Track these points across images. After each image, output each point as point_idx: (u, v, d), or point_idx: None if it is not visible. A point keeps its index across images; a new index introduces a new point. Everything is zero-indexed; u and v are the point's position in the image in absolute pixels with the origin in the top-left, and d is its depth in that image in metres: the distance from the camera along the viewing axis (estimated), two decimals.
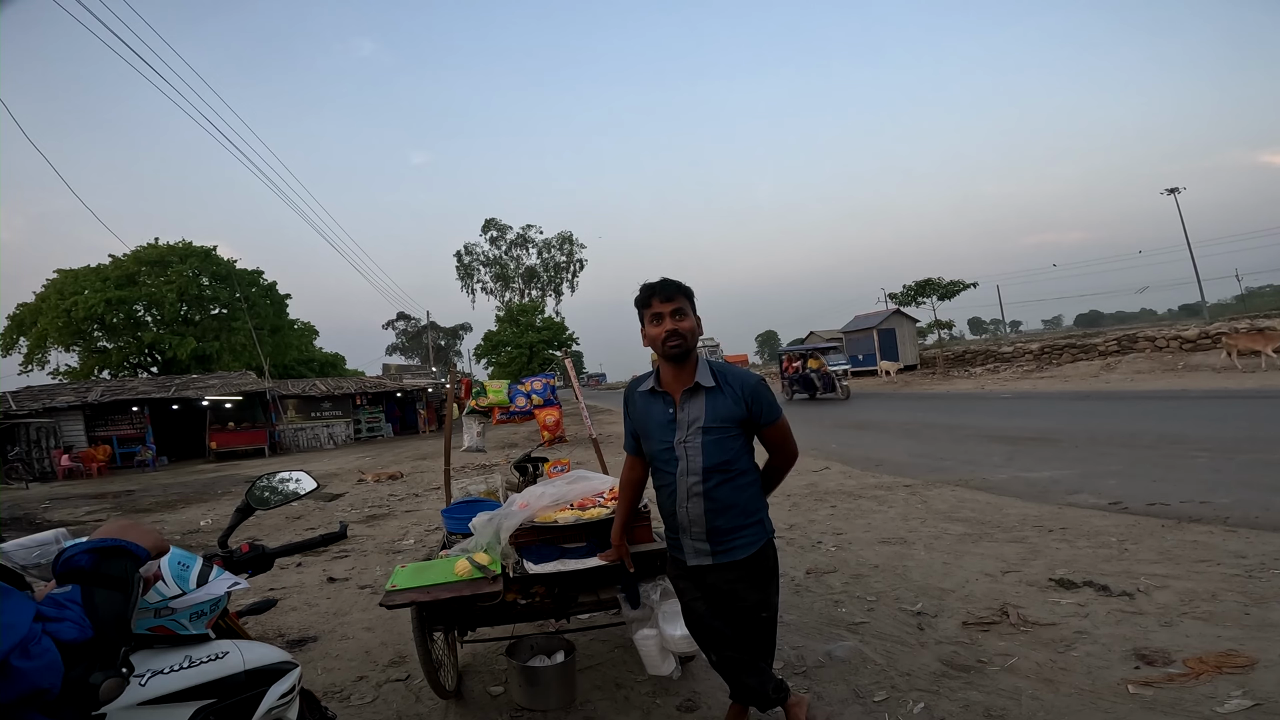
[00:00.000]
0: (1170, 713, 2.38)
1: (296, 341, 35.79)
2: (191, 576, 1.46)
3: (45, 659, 0.88)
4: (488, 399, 4.13)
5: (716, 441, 2.10)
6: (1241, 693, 2.43)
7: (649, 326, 2.17)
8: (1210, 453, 6.93)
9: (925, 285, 32.50)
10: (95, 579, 1.03)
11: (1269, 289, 54.16)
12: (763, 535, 2.18)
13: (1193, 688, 2.51)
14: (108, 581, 1.04)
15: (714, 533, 2.13)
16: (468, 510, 3.21)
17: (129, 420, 22.51)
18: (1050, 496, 5.84)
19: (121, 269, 29.39)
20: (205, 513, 10.02)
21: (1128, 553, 4.12)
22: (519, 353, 33.73)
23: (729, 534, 2.13)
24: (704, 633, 2.29)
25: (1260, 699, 2.38)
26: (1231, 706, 2.36)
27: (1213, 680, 2.55)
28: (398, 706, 2.99)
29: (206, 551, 1.69)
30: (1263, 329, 18.85)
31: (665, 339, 2.11)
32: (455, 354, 69.26)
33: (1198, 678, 2.57)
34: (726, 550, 2.14)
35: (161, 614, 1.37)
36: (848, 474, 8.07)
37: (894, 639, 3.22)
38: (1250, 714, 2.31)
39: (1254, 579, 3.48)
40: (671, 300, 2.12)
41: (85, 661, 0.95)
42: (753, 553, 2.14)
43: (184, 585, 1.43)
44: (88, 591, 1.01)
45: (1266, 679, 2.51)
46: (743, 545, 2.14)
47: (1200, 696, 2.45)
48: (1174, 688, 2.52)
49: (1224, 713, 2.34)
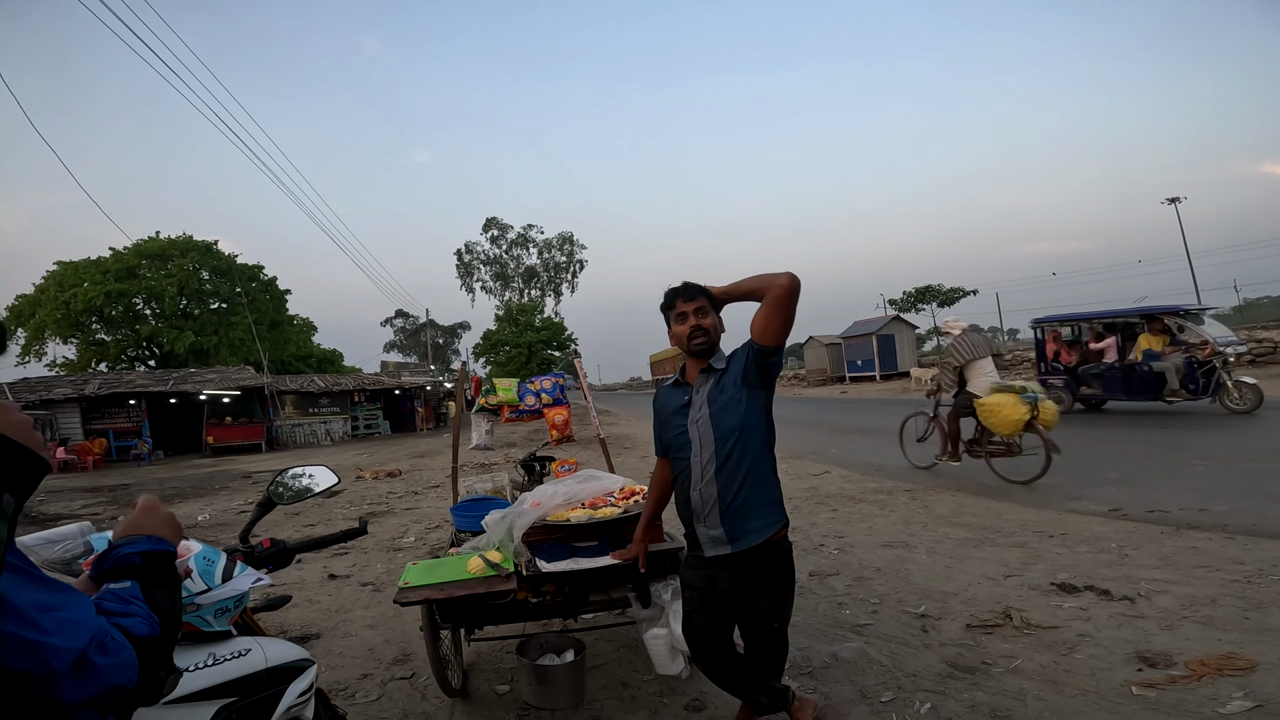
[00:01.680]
0: (1174, 713, 2.41)
1: (295, 337, 35.82)
2: (216, 572, 1.45)
3: (123, 655, 0.87)
4: (498, 397, 4.15)
5: (725, 407, 2.16)
6: (1243, 694, 2.46)
7: (675, 325, 2.29)
8: (1208, 461, 6.97)
9: (925, 292, 32.72)
10: (150, 576, 1.03)
11: (1267, 300, 54.44)
12: (780, 517, 2.18)
13: (1195, 689, 2.55)
14: (161, 579, 1.04)
15: (728, 512, 2.13)
16: (477, 508, 3.23)
17: (125, 414, 22.49)
18: (1050, 503, 5.88)
19: (122, 262, 29.37)
20: (202, 507, 10.01)
21: (1128, 558, 4.16)
22: (517, 352, 33.82)
23: (744, 515, 2.13)
24: (699, 642, 2.30)
25: (1261, 700, 2.41)
26: (1234, 707, 2.39)
27: (1214, 682, 2.58)
28: (403, 704, 3.01)
29: (228, 547, 1.68)
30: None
31: (690, 335, 2.23)
32: (453, 352, 69.26)
33: (1199, 679, 2.61)
34: (743, 535, 2.13)
35: (187, 610, 1.35)
36: (848, 478, 8.10)
37: (899, 640, 3.25)
38: (1252, 715, 2.35)
39: (1252, 584, 3.52)
40: (693, 300, 2.25)
41: (154, 656, 0.95)
42: (770, 536, 2.13)
43: (209, 581, 1.42)
44: (147, 589, 1.01)
45: (1267, 681, 2.54)
46: (759, 527, 2.13)
47: (1202, 698, 2.48)
48: (1177, 689, 2.56)
49: (1226, 713, 2.37)
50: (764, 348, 2.13)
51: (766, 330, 2.11)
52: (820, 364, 37.78)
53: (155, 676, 0.95)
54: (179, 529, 1.21)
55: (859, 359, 34.10)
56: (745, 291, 2.18)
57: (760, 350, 2.14)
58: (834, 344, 36.59)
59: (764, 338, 2.12)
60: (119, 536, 1.10)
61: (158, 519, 1.15)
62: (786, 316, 2.11)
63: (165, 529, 1.14)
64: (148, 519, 1.14)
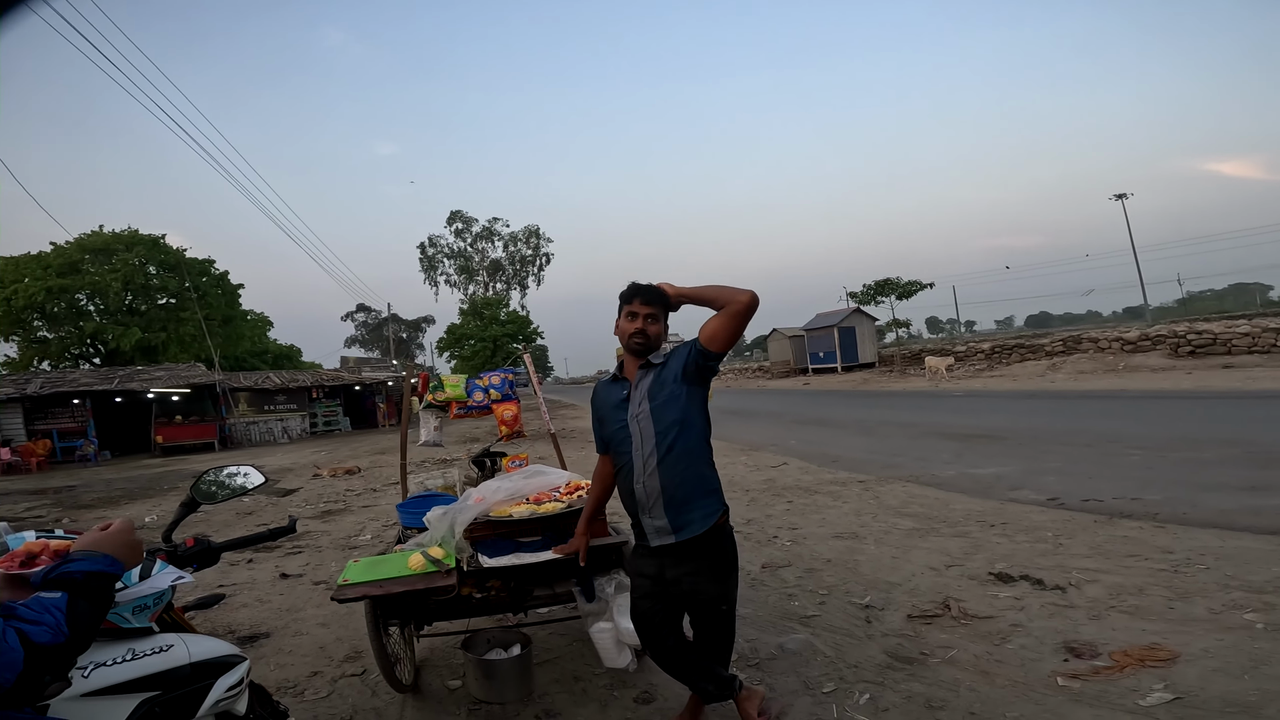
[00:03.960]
0: (1095, 705, 2.46)
1: (249, 333, 34.86)
2: (134, 571, 1.45)
3: (7, 657, 0.95)
4: (445, 393, 4.11)
5: (665, 402, 2.25)
6: (1163, 686, 2.51)
7: (623, 320, 2.36)
8: (1144, 451, 7.27)
9: (884, 285, 33.32)
10: (83, 591, 1.12)
11: (1209, 293, 56.98)
12: (719, 506, 2.28)
13: (1117, 681, 2.60)
14: (92, 596, 1.13)
15: (671, 504, 2.21)
16: (423, 505, 3.20)
17: (70, 413, 21.67)
18: (994, 492, 6.06)
19: (64, 257, 28.22)
20: (150, 509, 9.71)
21: (1062, 547, 4.31)
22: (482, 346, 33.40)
23: (686, 505, 2.22)
24: (648, 629, 2.36)
25: (1181, 693, 2.46)
26: (1154, 699, 2.43)
27: (1136, 673, 2.63)
28: (354, 701, 2.99)
29: (150, 546, 1.67)
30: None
31: (632, 335, 2.33)
32: (417, 347, 68.26)
33: (1122, 671, 2.66)
34: (686, 524, 2.21)
35: None
36: (805, 469, 8.25)
37: (843, 632, 3.33)
38: (1171, 708, 2.38)
39: (1179, 574, 3.65)
40: (650, 305, 2.33)
41: (49, 663, 1.02)
42: (712, 525, 2.22)
43: (126, 579, 1.42)
44: (74, 601, 1.09)
45: (1187, 673, 2.60)
46: (701, 518, 2.22)
47: (1124, 689, 2.53)
48: (1100, 681, 2.62)
49: (1146, 705, 2.41)
50: (709, 352, 2.24)
51: (715, 338, 2.22)
52: (784, 356, 38.27)
53: (41, 680, 1.02)
54: (140, 554, 1.33)
55: (821, 351, 34.65)
56: (705, 299, 2.27)
57: (704, 353, 2.24)
58: (797, 336, 37.11)
59: (712, 344, 2.23)
60: (80, 549, 1.21)
61: (122, 543, 1.26)
62: (738, 330, 2.23)
63: (126, 552, 1.25)
64: (115, 540, 1.25)
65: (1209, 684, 2.51)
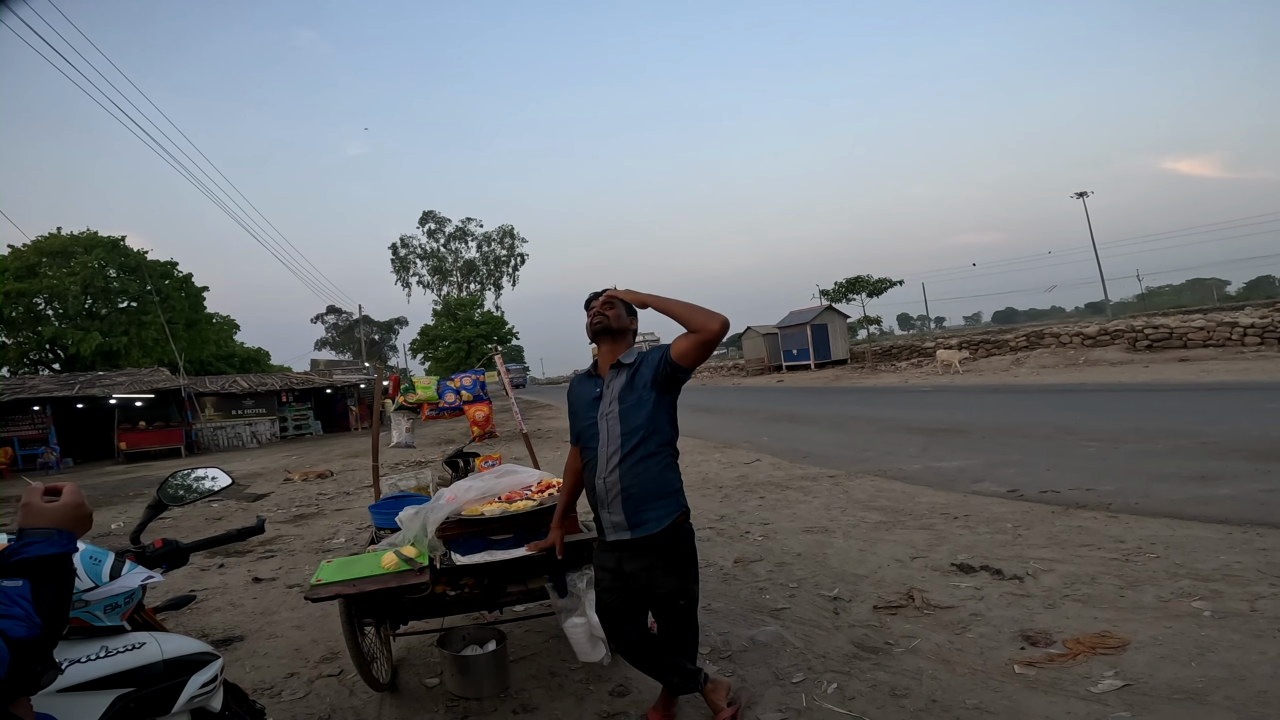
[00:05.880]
0: (1050, 692, 2.54)
1: (215, 336, 34.19)
2: (104, 570, 1.47)
3: None
4: (416, 395, 4.13)
5: (633, 406, 2.34)
6: (1113, 673, 2.60)
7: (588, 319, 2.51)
8: (1099, 443, 7.51)
9: (855, 282, 33.71)
10: (44, 575, 1.07)
11: (1167, 289, 58.77)
12: (677, 508, 2.33)
13: (1070, 668, 2.68)
14: (54, 579, 1.08)
15: (629, 502, 2.29)
16: (395, 505, 3.23)
17: (30, 420, 20.99)
18: (957, 485, 6.23)
19: (21, 260, 27.44)
20: (116, 516, 9.50)
21: (1021, 538, 4.46)
22: (456, 347, 33.17)
23: (644, 504, 2.29)
24: (611, 622, 2.43)
25: (1130, 679, 2.54)
26: (1104, 686, 2.52)
27: (1088, 661, 2.72)
28: (331, 700, 3.01)
29: (120, 548, 1.68)
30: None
31: (593, 321, 2.48)
32: (390, 349, 67.43)
33: (1075, 658, 2.75)
34: (642, 523, 2.28)
35: (75, 606, 1.38)
36: (777, 465, 8.37)
37: (812, 623, 3.42)
38: (1121, 694, 2.46)
39: (1130, 562, 3.78)
40: (600, 296, 2.49)
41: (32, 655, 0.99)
42: (668, 525, 2.29)
43: (96, 579, 1.44)
44: (38, 588, 1.04)
45: (1136, 660, 2.69)
46: (657, 518, 2.29)
47: (1076, 676, 2.61)
48: (1054, 668, 2.70)
49: (1097, 692, 2.49)
50: (680, 366, 2.31)
51: (686, 356, 2.30)
52: (758, 354, 38.60)
53: (33, 670, 1.00)
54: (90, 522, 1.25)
55: (795, 348, 35.02)
56: (674, 315, 2.32)
57: (675, 366, 2.32)
58: (770, 334, 37.45)
59: (683, 360, 2.30)
60: (30, 524, 1.14)
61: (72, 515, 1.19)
62: (708, 354, 2.34)
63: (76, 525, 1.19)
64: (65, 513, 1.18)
65: (1157, 671, 2.59)
